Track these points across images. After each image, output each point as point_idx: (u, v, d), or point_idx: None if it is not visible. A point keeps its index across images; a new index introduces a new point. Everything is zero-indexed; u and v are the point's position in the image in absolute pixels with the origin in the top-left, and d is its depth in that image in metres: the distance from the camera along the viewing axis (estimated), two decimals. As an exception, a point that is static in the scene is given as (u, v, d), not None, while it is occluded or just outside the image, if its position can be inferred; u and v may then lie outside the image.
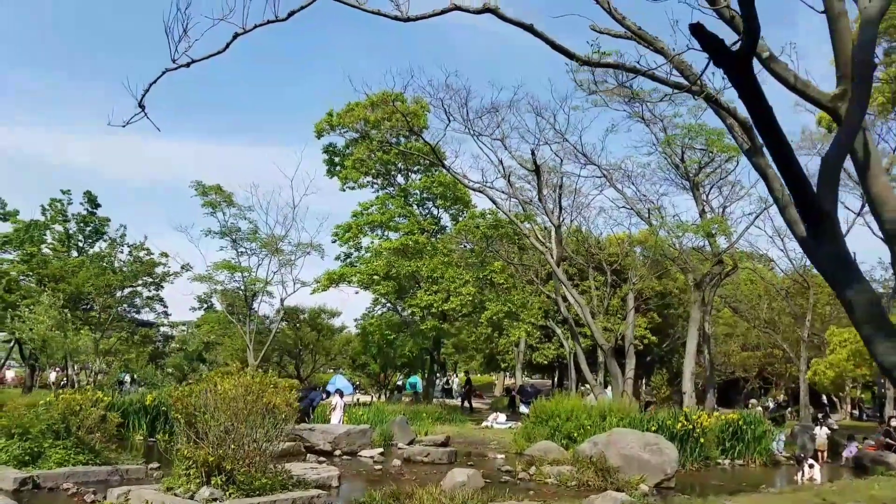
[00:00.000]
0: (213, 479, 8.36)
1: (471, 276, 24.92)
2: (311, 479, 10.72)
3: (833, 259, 4.30)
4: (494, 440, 19.46)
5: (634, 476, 12.27)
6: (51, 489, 9.53)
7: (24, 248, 33.73)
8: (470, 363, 56.97)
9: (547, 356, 37.32)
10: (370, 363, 34.02)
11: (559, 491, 11.51)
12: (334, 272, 26.25)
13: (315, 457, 14.50)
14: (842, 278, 4.31)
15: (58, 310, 24.13)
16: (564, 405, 17.85)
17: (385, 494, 8.62)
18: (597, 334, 22.00)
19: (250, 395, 8.64)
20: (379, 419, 19.90)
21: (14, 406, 10.99)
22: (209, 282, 30.73)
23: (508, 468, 13.82)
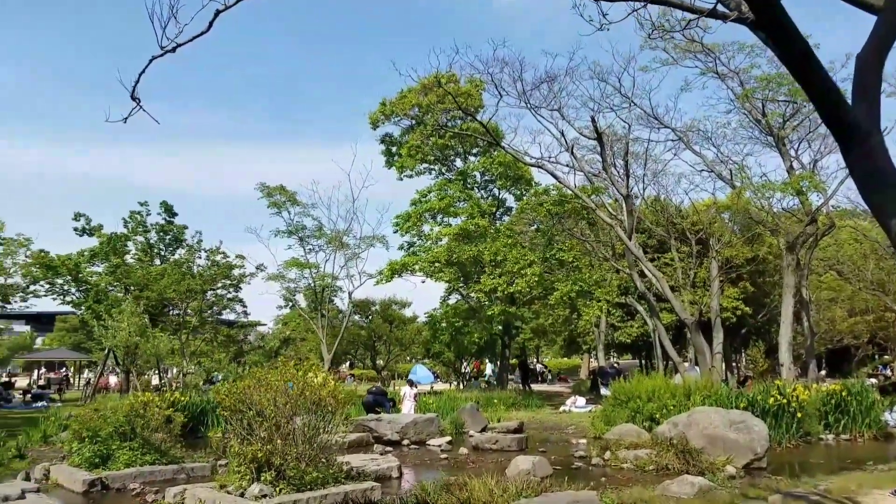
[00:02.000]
0: (262, 475, 8.37)
1: (536, 257, 24.30)
2: (370, 471, 10.61)
3: (872, 178, 3.60)
4: (572, 425, 18.93)
5: (720, 457, 11.49)
6: (118, 489, 9.82)
7: (110, 259, 35.74)
8: (552, 347, 56.31)
9: (630, 335, 36.18)
10: (444, 351, 34.08)
11: (635, 476, 10.91)
12: (396, 262, 26.28)
13: (382, 447, 14.51)
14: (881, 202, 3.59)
15: (139, 316, 25.34)
16: (645, 385, 17.08)
17: (438, 485, 8.38)
18: (678, 308, 20.97)
19: (293, 389, 8.60)
20: (450, 407, 19.79)
21: (84, 411, 11.47)
22: (281, 280, 31.59)
23: (582, 454, 13.28)
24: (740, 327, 34.56)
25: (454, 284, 27.98)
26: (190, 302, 34.56)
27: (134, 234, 37.32)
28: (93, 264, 36.25)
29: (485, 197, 29.07)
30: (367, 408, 18.88)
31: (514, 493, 7.50)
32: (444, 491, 8.10)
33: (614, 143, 24.11)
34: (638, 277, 23.12)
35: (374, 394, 19.47)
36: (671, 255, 30.95)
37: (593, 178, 25.32)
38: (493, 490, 7.61)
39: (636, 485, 9.78)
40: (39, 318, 77.02)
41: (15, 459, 12.06)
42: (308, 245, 31.18)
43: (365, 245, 30.18)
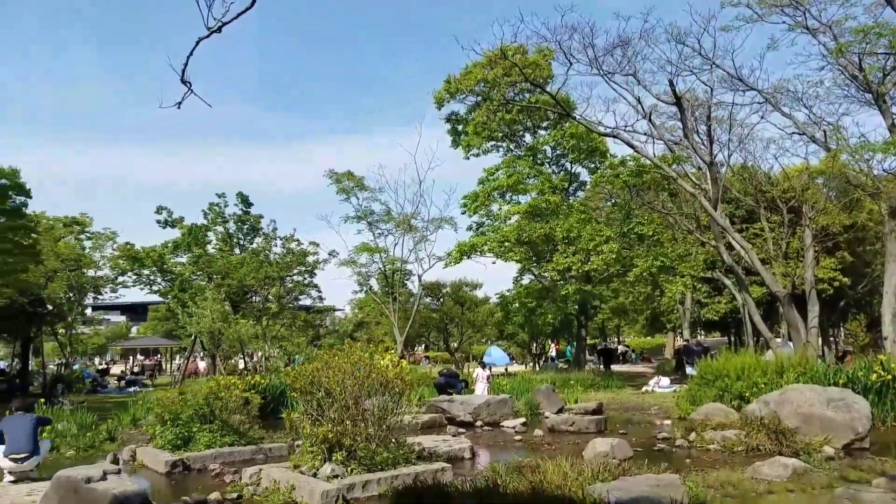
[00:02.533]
0: (334, 456, 8.43)
1: (612, 233, 23.48)
2: (441, 452, 10.55)
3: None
4: (655, 405, 18.33)
5: (816, 438, 10.79)
6: (199, 470, 10.15)
7: (192, 250, 37.30)
8: (633, 326, 55.05)
9: (718, 311, 34.77)
10: (518, 333, 33.79)
11: (722, 458, 10.37)
12: (465, 243, 26.01)
13: (455, 428, 14.45)
14: None
15: (221, 303, 26.30)
16: (734, 363, 16.28)
17: (509, 467, 8.20)
18: (769, 280, 19.86)
19: (360, 371, 8.60)
20: (524, 388, 19.54)
21: (167, 395, 11.92)
22: (353, 266, 32.14)
23: (665, 435, 12.79)
24: (838, 300, 32.59)
25: (525, 264, 27.51)
26: (269, 288, 35.66)
27: (213, 225, 38.72)
28: (176, 255, 37.90)
29: (556, 172, 28.36)
30: (438, 389, 18.91)
31: (590, 477, 7.22)
32: (515, 473, 7.91)
33: (695, 109, 22.92)
34: (724, 250, 22.03)
35: (446, 375, 19.46)
36: (760, 225, 29.41)
37: (673, 146, 24.22)
38: (568, 473, 7.35)
39: (723, 467, 9.30)
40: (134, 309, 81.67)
41: (106, 442, 12.73)
42: (377, 230, 31.54)
43: (433, 227, 30.25)
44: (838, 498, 6.58)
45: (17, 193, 20.34)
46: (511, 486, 6.78)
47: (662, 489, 6.23)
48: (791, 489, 7.48)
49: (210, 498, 8.02)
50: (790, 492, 7.33)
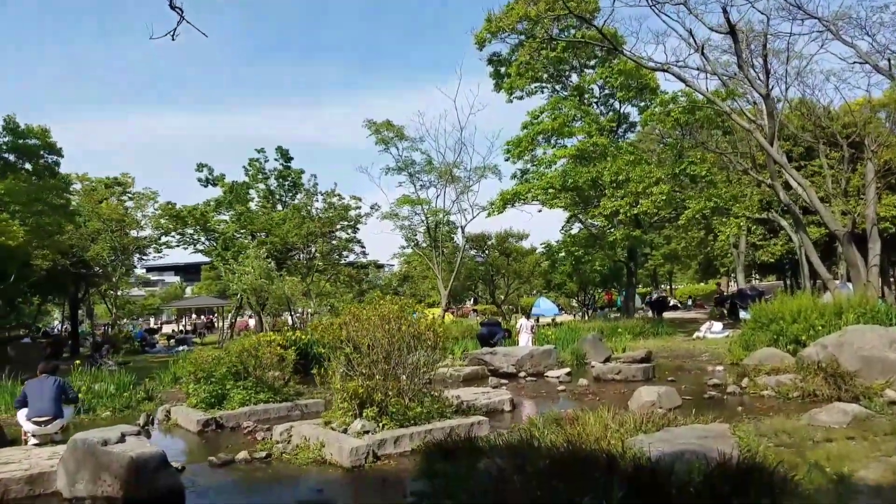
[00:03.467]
0: (364, 412, 8.29)
1: (663, 174, 22.48)
2: (480, 405, 10.37)
3: None
4: (706, 352, 17.81)
5: (877, 381, 10.19)
6: (232, 428, 10.14)
7: (234, 207, 37.66)
8: (686, 272, 53.93)
9: (773, 254, 33.58)
10: (566, 282, 33.26)
11: (776, 405, 9.91)
12: (508, 192, 25.22)
13: (497, 380, 14.25)
14: None
15: (263, 260, 26.50)
16: (789, 305, 15.59)
17: (547, 419, 7.93)
18: (827, 219, 18.86)
19: (389, 324, 8.36)
20: (571, 338, 19.22)
21: (204, 353, 11.97)
22: (394, 219, 31.93)
23: (716, 382, 12.33)
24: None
25: (572, 211, 26.75)
26: (312, 245, 35.85)
27: (254, 182, 38.93)
28: (218, 213, 38.32)
29: (604, 113, 27.24)
30: (481, 341, 18.72)
31: (633, 428, 6.88)
32: (554, 425, 7.63)
33: (751, 40, 21.58)
34: (781, 189, 20.97)
35: (488, 325, 19.26)
36: (819, 162, 28.03)
37: (727, 80, 22.94)
38: (609, 424, 7.03)
39: (778, 414, 8.87)
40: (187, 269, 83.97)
41: (144, 401, 12.89)
42: (418, 181, 31.16)
43: (476, 176, 29.71)
44: (904, 447, 6.10)
45: (48, 153, 20.53)
46: (546, 440, 6.50)
47: (710, 441, 5.86)
48: (851, 436, 7.02)
49: (238, 457, 7.98)
50: (850, 439, 6.86)
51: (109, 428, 7.19)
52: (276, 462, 7.97)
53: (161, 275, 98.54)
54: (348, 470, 7.26)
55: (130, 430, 7.08)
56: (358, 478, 7.04)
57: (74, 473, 6.58)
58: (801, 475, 5.15)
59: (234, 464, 7.89)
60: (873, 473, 5.34)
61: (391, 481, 6.77)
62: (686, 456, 5.30)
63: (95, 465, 6.47)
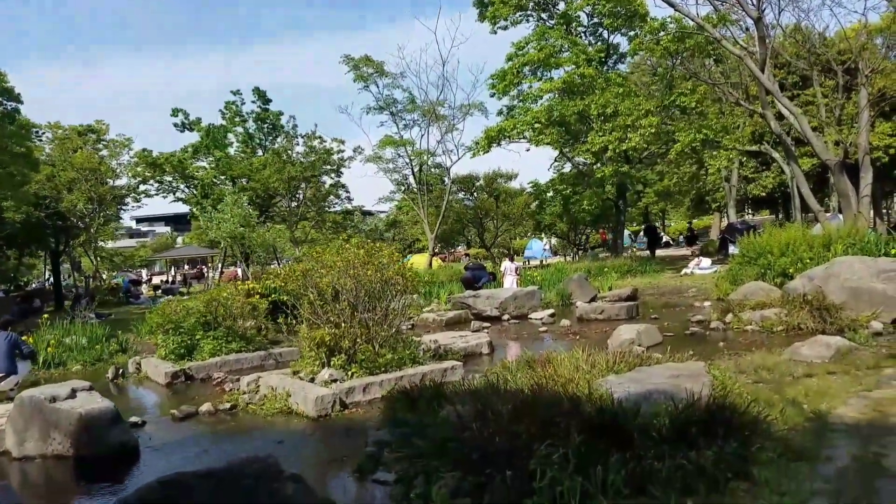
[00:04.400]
0: (333, 360, 8.08)
1: (652, 106, 21.85)
2: (458, 349, 10.19)
3: None
4: (693, 288, 17.68)
5: (863, 313, 10.04)
6: (202, 379, 9.91)
7: (213, 153, 36.86)
8: (678, 209, 53.69)
9: (765, 187, 33.29)
10: (556, 223, 32.94)
11: (760, 340, 9.75)
12: (492, 129, 24.50)
13: (480, 323, 14.10)
14: None
15: (241, 206, 26.02)
16: (778, 238, 15.36)
17: (521, 362, 7.72)
18: (819, 148, 18.45)
19: (355, 270, 8.05)
20: (557, 279, 19.04)
21: (167, 303, 11.68)
22: (378, 161, 31.30)
23: (700, 318, 12.19)
24: (892, 168, 30.80)
25: (557, 147, 26.14)
26: (295, 191, 35.29)
27: (232, 125, 38.04)
28: (197, 159, 37.57)
29: (592, 43, 26.34)
30: (465, 284, 18.53)
31: (605, 368, 6.67)
32: (527, 368, 7.43)
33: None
34: (772, 118, 20.47)
35: (472, 269, 19.02)
36: (813, 91, 27.42)
37: (719, 5, 22.12)
38: (581, 366, 6.82)
39: (760, 349, 8.70)
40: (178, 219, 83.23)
41: (118, 354, 12.65)
42: (401, 120, 30.41)
43: (461, 115, 28.99)
44: (886, 380, 5.90)
45: (6, 99, 19.74)
46: (514, 384, 6.28)
47: (683, 380, 5.64)
48: (833, 371, 6.84)
49: (201, 409, 7.78)
50: (831, 374, 6.69)
51: (60, 384, 6.94)
52: (241, 413, 7.77)
53: (152, 225, 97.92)
54: (314, 420, 7.08)
55: (82, 385, 6.83)
56: (323, 428, 6.85)
57: (23, 432, 6.35)
58: (775, 414, 4.94)
59: (198, 416, 7.69)
60: (852, 410, 5.14)
61: (356, 430, 6.58)
62: (654, 397, 5.08)
63: (44, 423, 6.24)
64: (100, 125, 34.99)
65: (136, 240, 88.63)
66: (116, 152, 34.85)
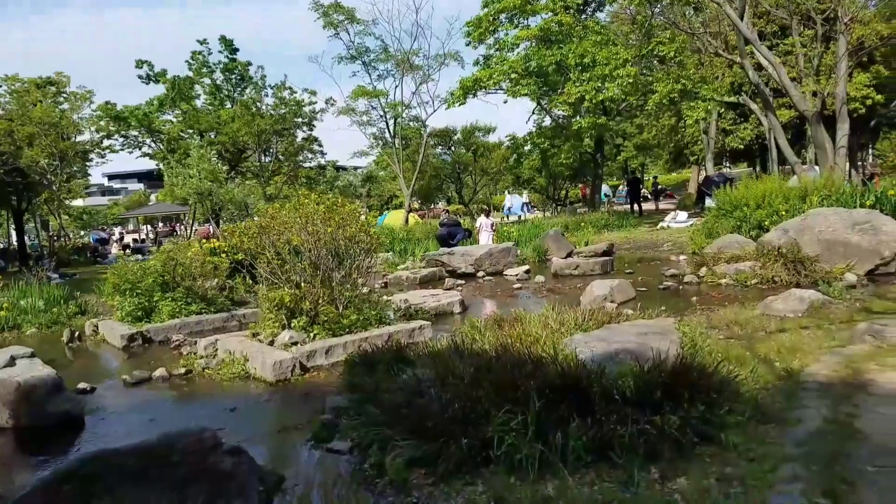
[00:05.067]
0: (294, 322, 7.79)
1: (631, 55, 21.37)
2: (429, 308, 9.98)
3: None
4: (668, 242, 17.58)
5: (837, 265, 9.95)
6: (161, 342, 9.54)
7: (180, 106, 35.77)
8: (657, 162, 53.60)
9: (743, 139, 33.11)
10: (535, 177, 32.61)
11: (733, 294, 9.63)
12: (467, 79, 23.87)
13: (454, 281, 13.88)
14: None
15: (208, 161, 25.26)
16: (754, 190, 15.22)
17: (489, 321, 7.50)
18: (796, 99, 18.23)
19: (312, 226, 7.70)
20: (533, 234, 18.84)
21: (124, 263, 11.23)
22: (350, 114, 30.54)
23: (674, 272, 12.07)
24: (869, 119, 30.81)
25: (534, 98, 25.55)
26: (274, 146, 34.47)
27: (199, 77, 36.90)
28: (163, 112, 36.50)
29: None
30: (441, 241, 18.25)
31: (573, 327, 6.47)
32: (496, 327, 7.20)
33: None
34: (751, 67, 20.17)
35: (447, 225, 18.71)
36: (792, 40, 27.07)
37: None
38: (550, 324, 6.61)
39: (733, 304, 8.56)
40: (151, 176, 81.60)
41: (77, 316, 12.20)
42: (374, 71, 29.56)
43: (437, 65, 28.23)
44: (859, 334, 5.75)
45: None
46: (479, 345, 6.05)
47: (651, 338, 5.45)
48: (806, 325, 6.70)
49: (155, 374, 7.47)
50: (804, 329, 6.55)
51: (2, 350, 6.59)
52: (197, 379, 7.47)
53: (124, 182, 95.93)
54: (272, 385, 6.81)
55: (23, 351, 6.49)
56: (280, 393, 6.59)
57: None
58: (746, 373, 4.76)
59: (151, 382, 7.38)
60: (825, 368, 4.98)
61: (314, 396, 6.32)
62: (620, 356, 4.88)
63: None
64: (60, 77, 33.69)
65: (109, 197, 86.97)
66: (77, 105, 33.67)
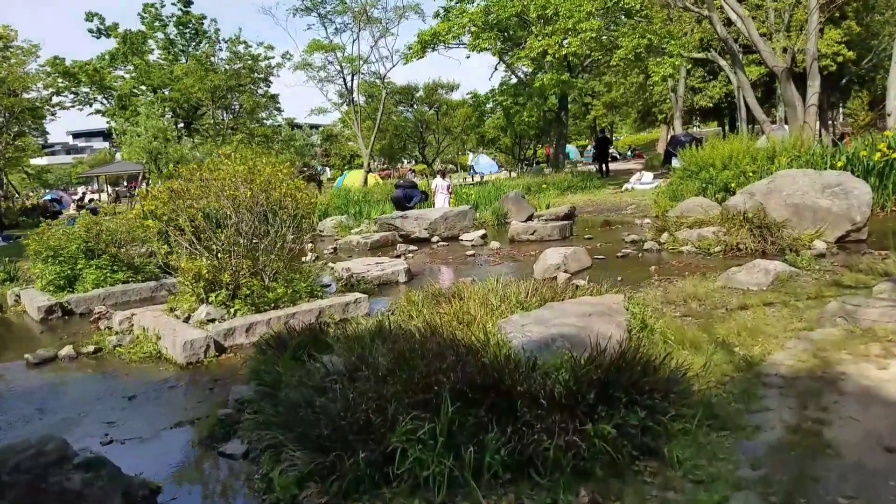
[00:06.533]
0: (212, 296, 7.04)
1: (595, 7, 20.44)
2: (372, 277, 9.30)
3: None
4: (632, 204, 17.03)
5: (806, 231, 9.45)
6: (82, 314, 8.82)
7: (132, 61, 34.05)
8: (626, 121, 53.02)
9: (712, 97, 32.58)
10: (500, 137, 31.76)
11: (695, 262, 9.07)
12: (426, 32, 22.73)
13: (406, 246, 13.18)
14: None
15: (157, 118, 23.96)
16: (720, 151, 14.71)
17: (427, 295, 6.83)
18: (765, 54, 17.59)
19: (230, 190, 6.90)
20: (494, 196, 18.16)
21: (45, 228, 10.32)
22: (307, 69, 29.21)
23: (634, 238, 11.51)
24: (840, 77, 30.43)
25: (496, 53, 24.50)
26: (221, 102, 33.04)
27: (151, 31, 35.14)
28: (115, 68, 34.81)
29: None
30: (396, 204, 17.47)
31: (515, 304, 5.83)
32: (434, 302, 6.53)
33: None
34: (718, 21, 19.42)
35: (403, 187, 17.91)
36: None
37: None
38: (491, 300, 5.95)
39: (693, 274, 8.00)
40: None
41: (6, 283, 11.32)
42: (331, 24, 28.27)
43: (396, 17, 26.98)
44: (829, 315, 5.19)
45: None
46: (410, 326, 5.38)
47: (595, 319, 4.82)
48: (770, 302, 6.14)
49: (61, 353, 6.72)
50: (769, 306, 5.98)
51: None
52: (106, 358, 6.72)
53: (89, 141, 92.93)
54: (182, 367, 6.10)
55: None
56: (189, 378, 5.87)
57: None
58: (699, 364, 4.16)
59: (56, 361, 6.63)
60: (790, 357, 4.39)
61: (226, 382, 5.63)
62: (557, 344, 4.24)
63: None
64: (6, 31, 31.70)
65: (73, 156, 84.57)
66: (22, 60, 31.81)
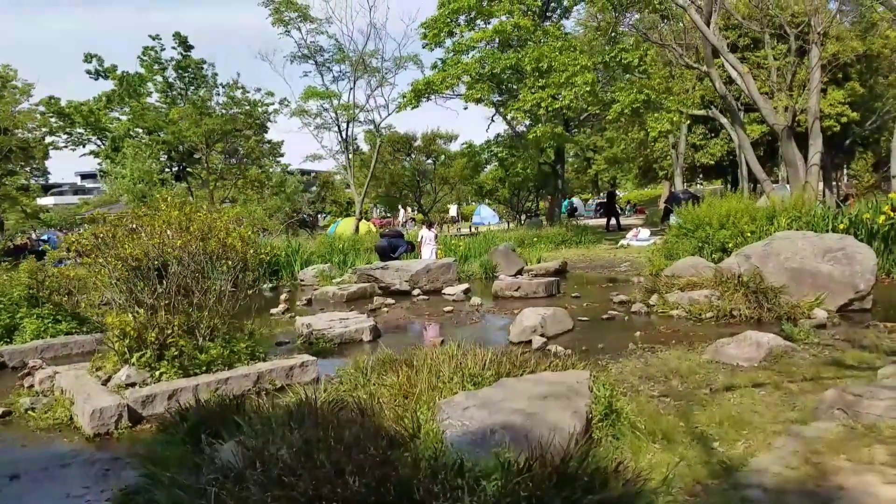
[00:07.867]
0: (135, 357, 6.33)
1: (591, 61, 20.16)
2: (333, 335, 8.59)
3: None
4: (627, 262, 16.35)
5: (805, 298, 8.74)
6: (15, 368, 8.13)
7: (129, 103, 33.99)
8: (627, 176, 52.90)
9: (713, 155, 32.25)
10: (498, 188, 31.39)
11: (684, 329, 8.34)
12: (420, 82, 22.53)
13: (384, 299, 12.48)
14: None
15: (143, 161, 23.56)
16: (718, 209, 14.10)
17: (378, 361, 6.12)
18: (765, 111, 17.18)
19: (158, 238, 6.25)
20: (483, 249, 17.53)
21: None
22: (303, 116, 29.00)
23: (623, 299, 10.79)
24: (843, 138, 30.14)
25: (490, 104, 24.21)
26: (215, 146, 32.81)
27: (150, 73, 35.18)
28: (111, 109, 34.74)
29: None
30: (381, 254, 16.86)
31: (468, 377, 5.09)
32: (383, 370, 5.82)
33: None
34: (717, 77, 19.11)
35: (389, 237, 17.33)
36: (764, 52, 26.28)
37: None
38: (443, 371, 5.23)
39: (680, 344, 7.28)
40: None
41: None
42: (329, 72, 28.14)
43: (395, 67, 26.89)
44: (827, 405, 4.44)
45: None
46: (336, 402, 4.65)
47: (551, 403, 4.09)
48: (761, 382, 5.41)
49: (-38, 417, 5.97)
50: (758, 388, 5.25)
51: None
52: (14, 423, 5.97)
53: (98, 182, 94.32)
54: (89, 439, 5.35)
55: None
56: (90, 454, 5.10)
57: None
58: (667, 465, 3.41)
59: (-42, 426, 5.90)
60: (777, 461, 3.62)
61: (126, 462, 4.87)
62: (497, 437, 3.52)
63: None
64: (6, 70, 31.75)
65: (80, 196, 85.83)
66: (15, 99, 31.73)
